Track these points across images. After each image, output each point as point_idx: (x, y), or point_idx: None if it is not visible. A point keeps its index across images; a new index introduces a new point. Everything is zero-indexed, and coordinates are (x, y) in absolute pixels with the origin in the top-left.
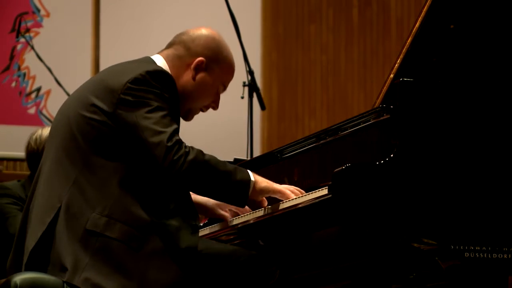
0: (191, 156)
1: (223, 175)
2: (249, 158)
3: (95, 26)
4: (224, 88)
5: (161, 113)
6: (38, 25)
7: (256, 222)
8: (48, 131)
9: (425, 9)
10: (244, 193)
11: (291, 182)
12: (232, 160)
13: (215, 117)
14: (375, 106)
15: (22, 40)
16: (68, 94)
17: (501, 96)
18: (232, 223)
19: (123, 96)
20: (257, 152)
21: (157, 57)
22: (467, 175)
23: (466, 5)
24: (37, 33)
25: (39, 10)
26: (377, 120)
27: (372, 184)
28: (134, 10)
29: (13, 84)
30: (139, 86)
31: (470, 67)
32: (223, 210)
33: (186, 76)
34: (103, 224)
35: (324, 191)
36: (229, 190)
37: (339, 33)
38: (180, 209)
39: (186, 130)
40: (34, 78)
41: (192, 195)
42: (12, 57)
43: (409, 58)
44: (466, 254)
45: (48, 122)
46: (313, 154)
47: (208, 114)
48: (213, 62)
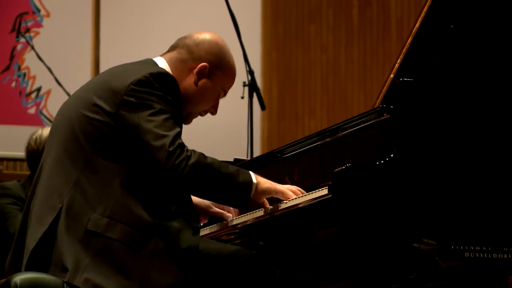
0: (193, 160)
1: (225, 178)
2: (249, 158)
3: (95, 26)
4: (225, 94)
5: (163, 116)
6: (38, 25)
7: (256, 222)
8: (49, 131)
9: (425, 9)
10: (246, 196)
11: (291, 182)
12: (232, 160)
13: (215, 117)
14: (375, 106)
15: (22, 40)
16: (68, 94)
17: (501, 96)
18: (232, 223)
19: (126, 98)
20: (257, 152)
21: (160, 60)
22: (467, 175)
23: (466, 5)
24: (37, 33)
25: (39, 10)
26: (377, 120)
27: (372, 184)
28: (134, 10)
29: (13, 84)
30: (142, 87)
31: (470, 67)
32: (218, 207)
33: (189, 80)
34: (104, 224)
35: (324, 191)
36: (231, 193)
37: (339, 33)
38: (181, 210)
39: (187, 130)
40: (34, 78)
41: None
42: (12, 57)
43: (409, 58)
44: (466, 254)
45: (48, 122)
46: (313, 154)
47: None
48: (216, 68)
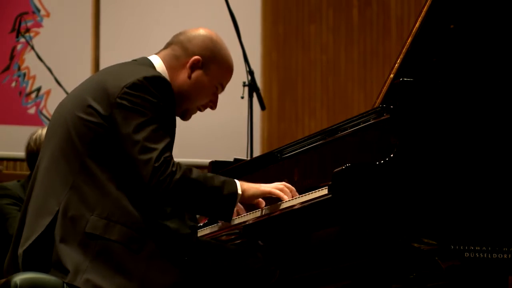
0: (178, 176)
1: (210, 192)
2: (249, 158)
3: (95, 26)
4: (222, 88)
5: (153, 126)
6: (38, 25)
7: (256, 222)
8: None
9: (425, 9)
10: (230, 208)
11: (291, 182)
12: (232, 160)
13: (215, 117)
14: (375, 106)
15: (22, 40)
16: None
17: (501, 96)
18: (232, 223)
19: (119, 101)
20: (257, 152)
21: (155, 58)
22: (467, 175)
23: (466, 5)
24: (37, 33)
25: (39, 10)
26: (377, 120)
27: (372, 184)
28: (134, 10)
29: (13, 84)
30: (136, 91)
31: (470, 67)
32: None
33: (182, 76)
34: (102, 226)
35: (324, 191)
36: (215, 207)
37: (339, 33)
38: (178, 210)
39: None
40: (34, 78)
41: None
42: (12, 57)
43: (409, 58)
44: (466, 254)
45: (48, 122)
46: (313, 154)
47: (208, 114)
48: (210, 61)
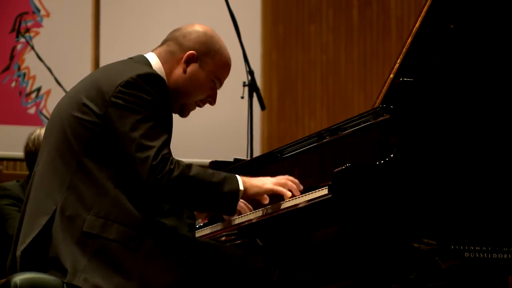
0: (176, 173)
1: (210, 189)
2: (249, 158)
3: (95, 26)
4: (220, 83)
5: (150, 124)
6: (38, 25)
7: (256, 222)
8: None
9: (425, 9)
10: (233, 204)
11: None
12: (232, 160)
13: (215, 117)
14: (375, 106)
15: (22, 40)
16: None
17: (501, 96)
18: (232, 223)
19: (114, 99)
20: (257, 152)
21: (151, 55)
22: (467, 175)
23: (466, 5)
24: (37, 33)
25: (39, 10)
26: (377, 120)
27: (372, 184)
28: (134, 10)
29: (13, 84)
30: (130, 90)
31: (470, 67)
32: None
33: (178, 71)
34: (99, 225)
35: (324, 191)
36: (217, 203)
37: (339, 33)
38: (175, 208)
39: (187, 130)
40: (34, 78)
41: None
42: (12, 57)
43: (409, 58)
44: (466, 254)
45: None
46: (313, 154)
47: (208, 114)
48: (205, 56)
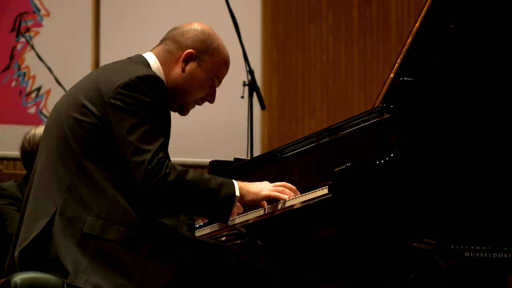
0: (171, 178)
1: (205, 194)
2: (249, 158)
3: (95, 26)
4: (219, 81)
5: (147, 127)
6: (38, 24)
7: (256, 221)
8: (42, 130)
9: (425, 8)
10: (227, 210)
11: (291, 181)
12: (232, 159)
13: (215, 117)
14: (375, 106)
15: (22, 39)
16: None
17: (501, 95)
18: (232, 223)
19: (113, 101)
20: (257, 152)
21: (149, 55)
22: (467, 174)
23: (466, 4)
24: (37, 33)
25: (39, 10)
26: (377, 119)
27: (372, 184)
28: (134, 9)
29: (13, 83)
30: (129, 91)
31: (470, 67)
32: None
33: (176, 70)
34: (100, 226)
35: (324, 191)
36: (212, 209)
37: (339, 33)
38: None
39: (187, 130)
40: (34, 77)
41: None
42: (12, 57)
43: (409, 58)
44: (466, 254)
45: None
46: (313, 153)
47: (208, 114)
48: (204, 54)
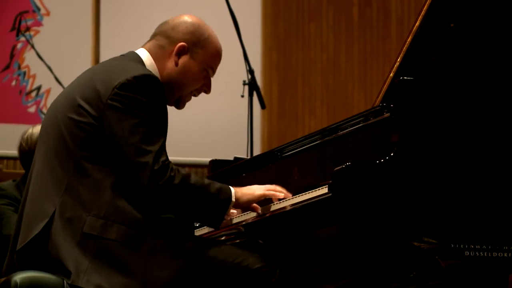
0: (177, 181)
1: (207, 199)
2: (249, 157)
3: (95, 25)
4: (213, 71)
5: (147, 127)
6: (38, 23)
7: (256, 221)
8: (39, 129)
9: (425, 7)
10: (222, 215)
11: (291, 181)
12: (232, 158)
13: (215, 116)
14: (375, 105)
15: (22, 38)
16: None
17: (501, 94)
18: (232, 222)
19: (110, 102)
20: (257, 151)
21: (142, 51)
22: (467, 173)
23: (466, 3)
24: (37, 32)
25: (39, 9)
26: (377, 119)
27: (372, 183)
28: (134, 8)
29: (13, 82)
30: (126, 92)
31: (470, 66)
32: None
33: (170, 64)
34: (100, 226)
35: (324, 190)
36: (210, 213)
37: (339, 32)
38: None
39: (187, 129)
40: (34, 76)
41: None
42: (12, 56)
43: (409, 57)
44: (466, 253)
45: None
46: (313, 153)
47: (208, 113)
48: (196, 46)
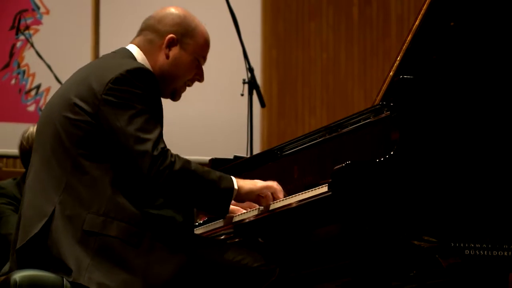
0: (178, 166)
1: (208, 185)
2: (249, 156)
3: (95, 23)
4: (204, 60)
5: (144, 117)
6: (38, 22)
7: (255, 219)
8: None
9: (425, 6)
10: (227, 202)
11: (291, 179)
12: (232, 157)
13: (215, 114)
14: (375, 104)
15: (22, 37)
16: None
17: (501, 93)
18: (232, 221)
19: (105, 97)
20: (257, 150)
21: (132, 47)
22: (467, 172)
23: (467, 2)
24: (36, 30)
25: (38, 8)
26: (377, 117)
27: (372, 182)
28: (134, 7)
29: (13, 81)
30: (121, 86)
31: (470, 65)
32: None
33: (161, 57)
34: (100, 223)
35: (324, 189)
36: (213, 200)
37: (339, 31)
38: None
39: (187, 127)
40: (33, 75)
41: None
42: (11, 55)
43: (409, 56)
44: (467, 252)
45: None
46: (313, 151)
47: (208, 111)
48: (185, 37)
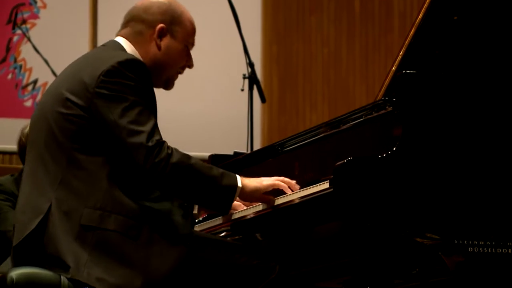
0: (174, 159)
1: (208, 180)
2: (249, 152)
3: (92, 17)
4: (193, 45)
5: (138, 109)
6: (35, 16)
7: (256, 216)
8: None
9: (428, 0)
10: (229, 200)
11: (292, 175)
12: (232, 153)
13: (215, 110)
14: (377, 99)
15: (19, 31)
16: None
17: (504, 89)
18: (232, 218)
19: (98, 90)
20: (257, 145)
21: (121, 39)
22: (471, 168)
23: None
24: (33, 25)
25: (35, 2)
26: (379, 113)
27: (374, 178)
28: (132, 1)
29: (10, 76)
30: (112, 78)
31: (473, 60)
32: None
33: (152, 48)
34: (97, 217)
35: (326, 185)
36: (213, 197)
37: (340, 25)
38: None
39: (186, 123)
40: (30, 70)
41: None
42: (8, 49)
43: (412, 51)
44: (470, 249)
45: None
46: (314, 147)
47: (207, 107)
48: (173, 24)
